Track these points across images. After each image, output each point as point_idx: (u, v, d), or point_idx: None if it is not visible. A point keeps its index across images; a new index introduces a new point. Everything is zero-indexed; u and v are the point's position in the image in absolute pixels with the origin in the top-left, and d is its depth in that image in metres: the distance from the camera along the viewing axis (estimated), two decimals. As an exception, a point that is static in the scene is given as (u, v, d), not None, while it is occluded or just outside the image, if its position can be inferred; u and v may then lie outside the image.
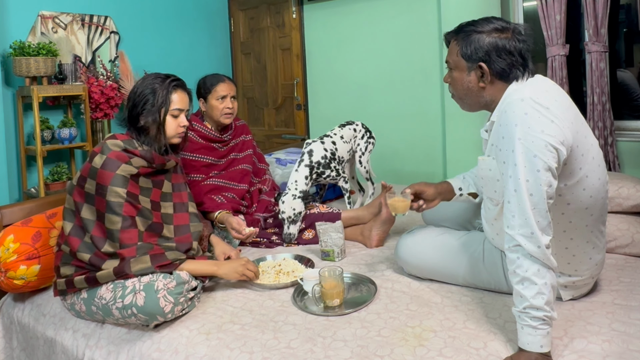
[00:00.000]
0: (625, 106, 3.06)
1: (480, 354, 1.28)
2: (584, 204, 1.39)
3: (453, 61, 1.49)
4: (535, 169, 1.26)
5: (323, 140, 2.47)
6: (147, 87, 1.67)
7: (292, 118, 4.43)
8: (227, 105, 2.26)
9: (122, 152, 1.63)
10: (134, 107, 1.67)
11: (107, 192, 1.56)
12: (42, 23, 3.41)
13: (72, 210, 1.66)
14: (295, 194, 2.22)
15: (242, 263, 1.71)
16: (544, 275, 1.23)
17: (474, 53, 1.42)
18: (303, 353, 1.33)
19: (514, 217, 1.27)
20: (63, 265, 1.64)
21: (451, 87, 1.54)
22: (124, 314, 1.51)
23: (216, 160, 2.34)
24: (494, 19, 1.46)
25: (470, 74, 1.46)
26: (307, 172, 2.34)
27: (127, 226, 1.57)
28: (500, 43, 1.40)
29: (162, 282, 1.51)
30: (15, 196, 3.28)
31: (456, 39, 1.48)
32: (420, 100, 3.62)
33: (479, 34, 1.43)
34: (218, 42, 4.65)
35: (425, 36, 3.51)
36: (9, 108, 3.27)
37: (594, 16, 2.82)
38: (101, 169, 1.58)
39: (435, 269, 1.68)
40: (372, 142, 2.70)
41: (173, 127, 1.71)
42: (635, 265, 1.75)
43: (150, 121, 1.67)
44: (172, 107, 1.69)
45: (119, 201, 1.57)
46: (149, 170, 1.70)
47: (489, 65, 1.41)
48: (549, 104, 1.31)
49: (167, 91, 1.67)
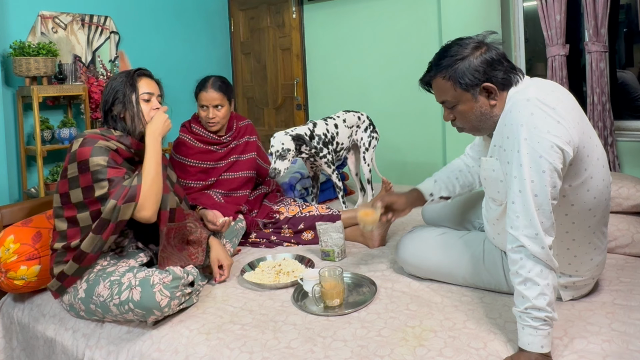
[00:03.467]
0: (625, 106, 3.06)
1: (480, 354, 1.28)
2: (587, 205, 1.39)
3: (453, 98, 1.42)
4: (541, 170, 1.25)
5: (327, 121, 2.56)
6: (115, 82, 1.76)
7: (292, 118, 4.43)
8: (207, 114, 2.25)
9: (99, 135, 1.67)
10: (106, 103, 1.75)
11: (89, 164, 1.59)
12: (42, 23, 3.41)
13: (59, 207, 1.67)
14: (287, 132, 2.32)
15: (165, 119, 1.75)
16: (546, 276, 1.23)
17: (473, 79, 1.37)
18: (303, 353, 1.33)
19: (518, 217, 1.27)
20: (56, 264, 1.65)
21: (459, 122, 1.46)
22: (121, 310, 1.52)
23: (214, 163, 2.31)
24: (462, 41, 1.42)
25: (478, 100, 1.39)
26: (307, 132, 2.43)
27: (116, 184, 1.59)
28: (488, 57, 1.38)
29: (158, 277, 1.52)
30: (15, 196, 3.28)
31: (444, 76, 1.40)
32: (420, 99, 3.61)
33: (464, 60, 1.37)
34: (218, 42, 4.65)
35: (425, 36, 3.51)
36: (9, 108, 3.28)
37: (594, 16, 2.82)
38: (80, 147, 1.61)
39: (435, 269, 1.68)
40: (375, 136, 2.71)
41: (146, 111, 1.77)
42: (635, 265, 1.75)
43: (122, 108, 1.74)
44: (141, 92, 1.76)
45: (102, 167, 1.59)
46: (129, 155, 1.73)
47: (492, 81, 1.38)
48: (555, 105, 1.30)
49: (133, 79, 1.76)
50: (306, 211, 2.31)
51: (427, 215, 2.10)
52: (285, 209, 2.33)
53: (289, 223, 2.27)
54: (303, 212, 2.31)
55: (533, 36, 3.32)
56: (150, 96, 1.78)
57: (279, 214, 2.31)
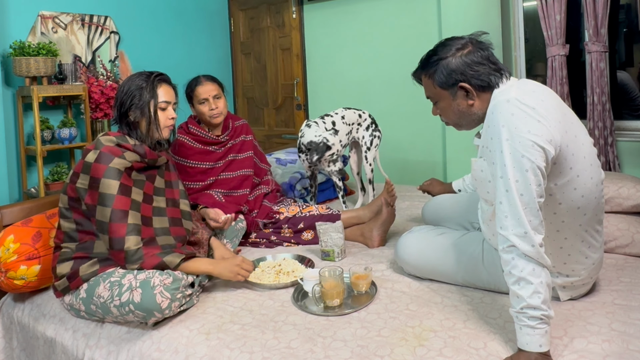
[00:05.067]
0: (625, 106, 3.06)
1: (480, 354, 1.28)
2: (575, 203, 1.39)
3: (433, 94, 1.51)
4: (524, 169, 1.27)
5: (324, 120, 2.58)
6: (133, 84, 1.72)
7: (292, 118, 4.43)
8: (210, 107, 2.25)
9: (115, 147, 1.65)
10: (122, 105, 1.72)
11: (100, 185, 1.58)
12: (42, 23, 3.41)
13: (66, 208, 1.67)
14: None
15: (237, 262, 1.71)
16: (539, 274, 1.24)
17: (449, 78, 1.44)
18: (303, 353, 1.33)
19: (506, 217, 1.28)
20: (60, 263, 1.65)
21: (443, 117, 1.56)
22: (122, 311, 1.52)
23: (213, 164, 2.31)
24: (450, 41, 1.48)
25: (456, 98, 1.47)
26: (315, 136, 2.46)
27: (117, 219, 1.58)
28: (468, 59, 1.43)
29: (159, 279, 1.52)
30: (15, 196, 3.28)
31: (426, 74, 1.50)
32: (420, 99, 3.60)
33: (444, 59, 1.44)
34: (218, 42, 4.65)
35: (425, 36, 3.51)
36: (9, 108, 3.28)
37: (594, 16, 2.82)
38: (95, 162, 1.60)
39: (435, 269, 1.68)
40: (377, 135, 2.70)
41: (162, 120, 1.76)
42: (635, 265, 1.75)
43: (140, 116, 1.71)
44: (160, 100, 1.74)
45: (111, 194, 1.58)
46: (142, 165, 1.73)
47: (469, 82, 1.43)
48: (534, 104, 1.32)
49: (153, 85, 1.73)
50: (306, 211, 2.31)
51: (426, 215, 2.10)
52: (285, 209, 2.33)
53: (288, 223, 2.27)
54: (303, 212, 2.31)
55: (533, 36, 3.32)
56: (168, 105, 1.76)
57: (279, 214, 2.31)
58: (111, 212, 1.57)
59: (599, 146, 2.87)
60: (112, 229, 1.57)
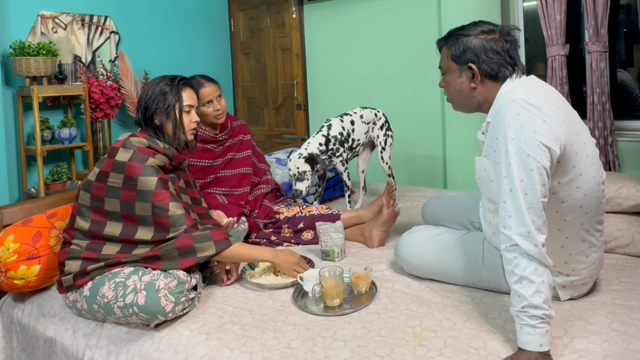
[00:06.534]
0: (625, 106, 3.06)
1: (480, 354, 1.28)
2: (578, 202, 1.40)
3: (445, 65, 1.54)
4: (529, 169, 1.27)
5: (342, 118, 2.56)
6: (157, 88, 1.75)
7: (292, 118, 4.43)
8: (214, 108, 2.26)
9: (147, 148, 1.68)
10: (147, 109, 1.74)
11: (138, 183, 1.61)
12: (42, 23, 3.41)
13: (86, 206, 1.67)
14: (302, 154, 2.36)
15: (296, 260, 1.80)
16: (541, 273, 1.24)
17: (463, 54, 1.47)
18: (303, 353, 1.33)
19: (510, 217, 1.28)
20: (69, 259, 1.64)
21: (445, 90, 1.59)
22: (125, 313, 1.51)
23: (211, 161, 2.32)
24: (482, 23, 1.50)
25: (461, 76, 1.49)
26: (322, 140, 2.45)
27: (160, 212, 1.61)
28: (487, 44, 1.44)
29: (163, 282, 1.51)
30: (15, 196, 3.29)
31: (446, 44, 1.53)
32: (420, 99, 3.62)
33: (467, 37, 1.47)
34: (218, 42, 4.66)
35: (425, 36, 3.51)
36: (9, 108, 3.28)
37: (594, 16, 2.82)
38: (129, 162, 1.62)
39: (435, 269, 1.68)
40: (390, 135, 2.73)
41: (186, 123, 1.79)
42: (635, 265, 1.75)
43: (165, 119, 1.74)
44: (184, 104, 1.77)
45: (150, 190, 1.61)
46: (170, 167, 1.77)
47: (478, 66, 1.45)
48: (540, 104, 1.33)
49: (178, 89, 1.76)
50: (306, 211, 2.31)
51: (426, 215, 2.10)
52: (285, 209, 2.34)
53: (288, 223, 2.27)
54: (303, 212, 2.31)
55: (533, 36, 3.32)
56: (191, 108, 1.80)
57: (279, 214, 2.31)
58: (152, 205, 1.61)
59: (599, 146, 2.87)
60: (157, 221, 1.61)
